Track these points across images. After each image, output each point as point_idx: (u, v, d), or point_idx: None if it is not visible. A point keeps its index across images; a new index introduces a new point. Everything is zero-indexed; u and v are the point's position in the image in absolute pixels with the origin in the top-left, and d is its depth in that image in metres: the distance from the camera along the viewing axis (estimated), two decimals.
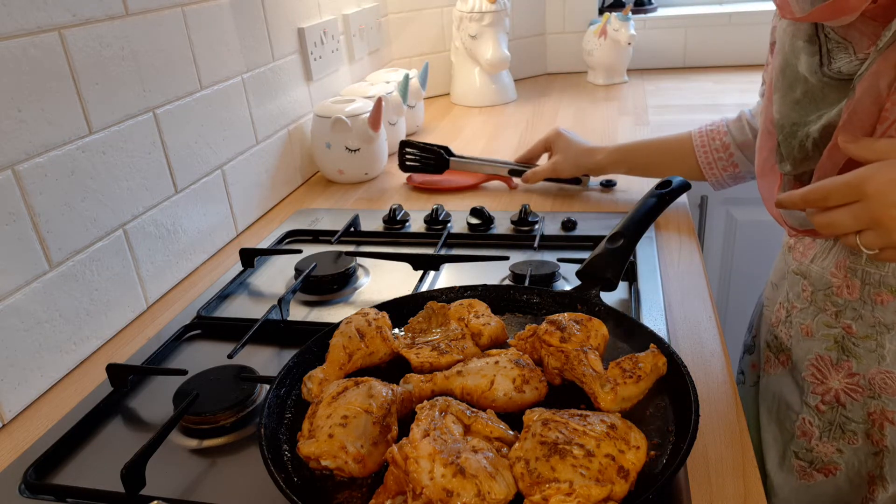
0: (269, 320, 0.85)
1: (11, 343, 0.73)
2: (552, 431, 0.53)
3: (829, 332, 0.80)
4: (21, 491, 0.63)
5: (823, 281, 0.79)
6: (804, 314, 0.83)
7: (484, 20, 1.78)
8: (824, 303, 0.80)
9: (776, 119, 0.74)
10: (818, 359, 0.81)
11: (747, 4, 2.10)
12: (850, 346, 0.78)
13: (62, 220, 0.79)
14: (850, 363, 0.78)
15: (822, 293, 0.80)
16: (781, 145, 0.73)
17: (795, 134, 0.71)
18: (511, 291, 0.81)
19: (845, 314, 0.78)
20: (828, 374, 0.81)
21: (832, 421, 0.81)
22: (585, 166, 1.17)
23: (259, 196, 1.23)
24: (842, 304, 0.78)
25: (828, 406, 0.81)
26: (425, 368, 0.67)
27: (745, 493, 0.58)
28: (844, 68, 0.67)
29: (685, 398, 0.59)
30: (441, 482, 0.49)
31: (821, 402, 0.82)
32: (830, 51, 0.69)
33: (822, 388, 0.82)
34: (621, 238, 0.79)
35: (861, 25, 0.66)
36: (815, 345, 0.81)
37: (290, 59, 1.32)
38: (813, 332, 0.82)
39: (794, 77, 0.72)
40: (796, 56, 0.72)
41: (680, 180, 0.89)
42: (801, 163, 0.71)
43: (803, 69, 0.71)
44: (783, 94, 0.73)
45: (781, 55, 0.74)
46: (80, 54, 0.81)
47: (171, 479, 0.64)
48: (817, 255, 0.80)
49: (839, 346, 0.79)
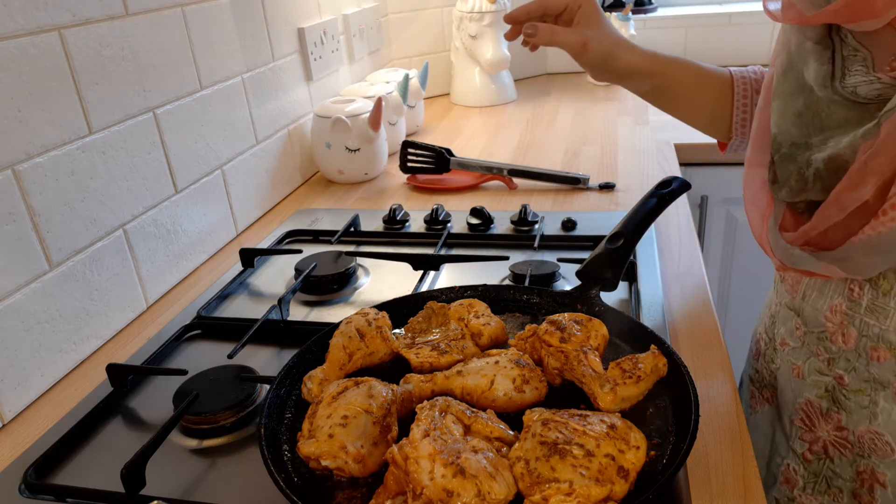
0: (269, 320, 0.85)
1: (11, 343, 0.73)
2: (552, 431, 0.53)
3: (820, 378, 0.72)
4: (21, 491, 0.63)
5: (817, 322, 0.71)
6: (796, 354, 0.75)
7: (484, 20, 1.78)
8: (817, 347, 0.71)
9: (773, 133, 0.65)
10: (808, 404, 0.74)
11: (747, 4, 2.10)
12: (841, 398, 0.70)
13: (62, 220, 0.79)
14: (839, 416, 0.71)
15: (814, 335, 0.72)
16: (777, 167, 0.64)
17: (794, 158, 0.61)
18: (511, 291, 0.81)
19: (838, 363, 0.69)
20: (817, 423, 0.73)
21: (818, 472, 0.74)
22: (615, 57, 0.81)
23: (259, 196, 1.23)
24: (835, 352, 0.69)
25: (815, 456, 0.74)
26: (425, 368, 0.67)
27: (745, 493, 0.58)
28: (861, 90, 0.57)
29: (685, 398, 0.59)
30: (441, 482, 0.49)
31: (808, 451, 0.75)
32: (845, 59, 0.58)
33: (810, 435, 0.74)
34: (621, 238, 0.79)
35: (887, 36, 0.55)
36: (807, 389, 0.74)
37: (290, 59, 1.32)
38: (804, 375, 0.74)
39: (798, 84, 0.62)
40: (804, 60, 0.61)
41: (680, 180, 0.89)
42: (798, 193, 0.62)
43: (810, 77, 0.60)
44: (783, 103, 0.64)
45: (786, 54, 0.64)
46: (80, 54, 0.81)
47: (171, 479, 0.64)
48: (807, 292, 0.72)
49: (830, 395, 0.71)
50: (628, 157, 1.41)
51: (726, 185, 1.50)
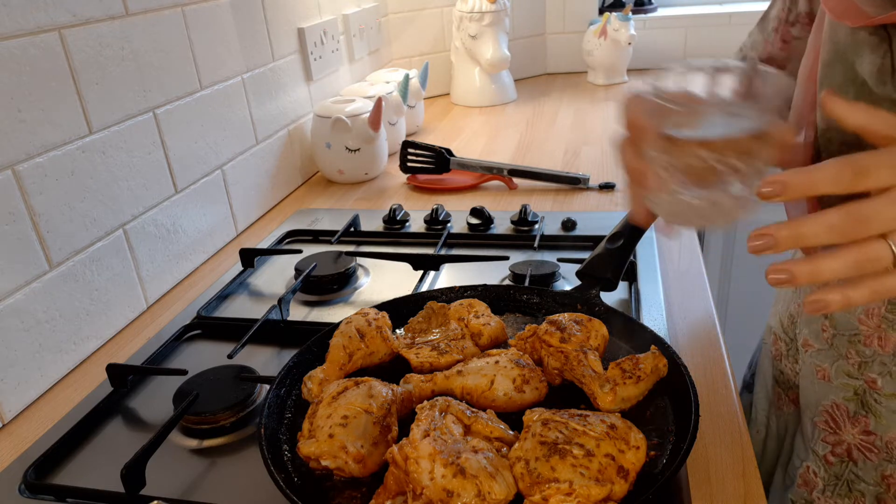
0: (269, 320, 0.85)
1: (11, 343, 0.73)
2: (552, 431, 0.53)
3: (848, 381, 0.70)
4: (21, 491, 0.63)
5: (849, 325, 0.68)
6: (821, 356, 0.73)
7: (484, 20, 1.78)
8: (847, 350, 0.69)
9: (820, 128, 0.59)
10: (834, 406, 0.72)
11: (747, 4, 2.10)
12: (872, 402, 0.68)
13: (62, 220, 0.79)
14: (867, 420, 0.69)
15: (845, 338, 0.69)
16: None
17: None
18: (511, 291, 0.81)
19: (871, 367, 0.67)
20: (842, 426, 0.71)
21: (839, 475, 0.72)
22: None
23: (259, 196, 1.23)
24: (869, 356, 0.67)
25: (837, 459, 0.72)
26: (425, 368, 0.67)
27: (745, 493, 0.58)
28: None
29: (685, 398, 0.59)
30: (441, 482, 0.49)
31: (830, 454, 0.73)
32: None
33: (833, 437, 0.72)
34: (621, 238, 0.79)
35: None
36: (832, 392, 0.72)
37: (290, 59, 1.32)
38: (831, 377, 0.72)
39: (849, 76, 0.55)
40: (857, 51, 0.54)
41: None
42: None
43: (865, 70, 0.54)
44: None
45: (832, 44, 0.57)
46: (80, 54, 0.81)
47: (171, 479, 0.64)
48: None
49: (859, 399, 0.69)
50: None
51: None
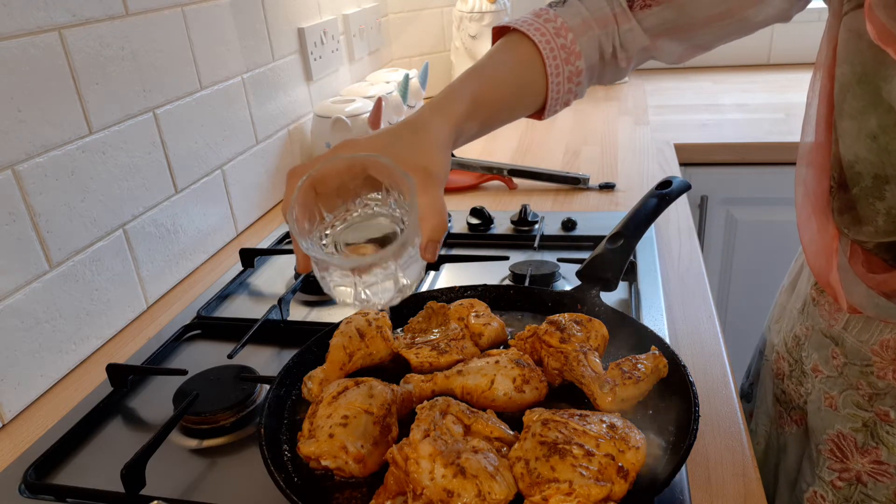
0: (269, 320, 0.85)
1: (11, 343, 0.73)
2: (552, 431, 0.53)
3: (857, 412, 0.67)
4: (21, 491, 0.63)
5: (861, 356, 0.66)
6: (830, 383, 0.70)
7: (484, 20, 1.78)
8: (857, 380, 0.66)
9: (845, 158, 0.55)
10: (840, 436, 0.69)
11: None
12: (884, 434, 0.65)
13: (62, 220, 0.79)
14: (878, 451, 0.66)
15: (857, 368, 0.66)
16: (859, 204, 0.54)
17: (882, 194, 0.51)
18: (511, 291, 0.81)
19: (884, 399, 0.64)
20: (850, 455, 0.69)
21: (849, 497, 0.70)
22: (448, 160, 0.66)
23: (259, 196, 1.23)
24: (882, 388, 0.64)
25: (846, 483, 0.70)
26: (425, 368, 0.67)
27: (745, 493, 0.58)
28: None
29: (685, 398, 0.59)
30: (441, 483, 0.49)
31: (837, 479, 0.70)
32: None
33: (840, 465, 0.70)
34: (621, 238, 0.79)
35: None
36: (839, 421, 0.69)
37: (290, 59, 1.32)
38: (838, 406, 0.69)
39: (873, 100, 0.51)
40: (884, 76, 0.50)
41: (680, 180, 0.89)
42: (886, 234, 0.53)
43: (892, 95, 0.50)
44: (855, 123, 0.53)
45: (852, 66, 0.53)
46: (80, 54, 0.81)
47: (171, 479, 0.64)
48: (850, 322, 0.66)
49: (868, 430, 0.66)
50: (628, 157, 1.41)
51: (726, 185, 1.50)
